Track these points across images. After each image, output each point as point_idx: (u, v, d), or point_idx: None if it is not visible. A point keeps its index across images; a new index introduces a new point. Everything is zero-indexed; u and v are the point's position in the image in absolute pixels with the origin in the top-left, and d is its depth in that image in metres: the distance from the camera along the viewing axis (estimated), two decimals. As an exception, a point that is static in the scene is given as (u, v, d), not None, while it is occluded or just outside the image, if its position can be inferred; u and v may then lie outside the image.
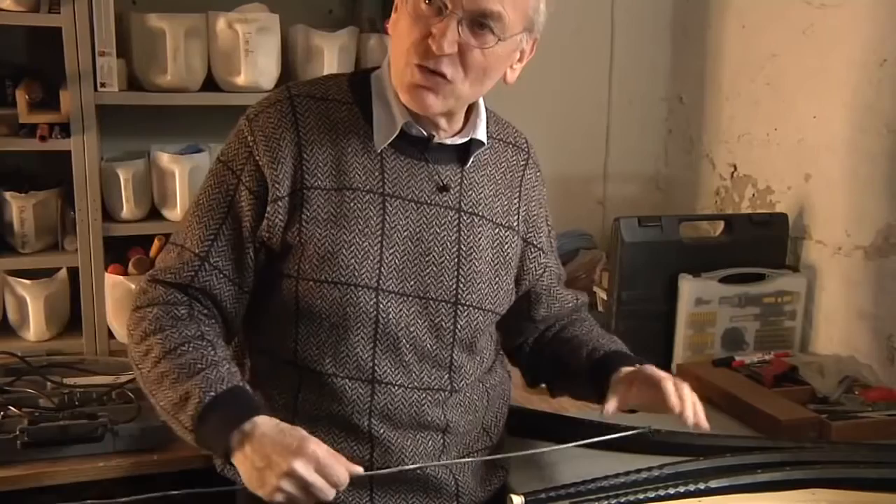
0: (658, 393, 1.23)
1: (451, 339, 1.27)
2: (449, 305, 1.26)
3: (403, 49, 1.16)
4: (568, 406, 1.69)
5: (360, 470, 1.09)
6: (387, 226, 1.23)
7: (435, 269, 1.26)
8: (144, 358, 1.18)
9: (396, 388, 1.25)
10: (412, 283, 1.25)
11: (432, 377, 1.27)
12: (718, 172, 2.30)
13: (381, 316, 1.23)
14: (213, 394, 1.11)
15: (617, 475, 1.32)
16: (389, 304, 1.23)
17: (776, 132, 2.08)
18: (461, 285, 1.27)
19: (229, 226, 1.23)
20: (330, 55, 2.06)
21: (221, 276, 1.23)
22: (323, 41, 2.07)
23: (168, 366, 1.15)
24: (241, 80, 2.01)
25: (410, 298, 1.24)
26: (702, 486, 1.28)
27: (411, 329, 1.25)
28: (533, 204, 1.37)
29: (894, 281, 1.73)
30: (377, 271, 1.22)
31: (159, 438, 1.52)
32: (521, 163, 1.36)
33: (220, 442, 1.09)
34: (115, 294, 2.00)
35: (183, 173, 2.02)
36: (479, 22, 1.14)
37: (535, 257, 1.37)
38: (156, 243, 2.03)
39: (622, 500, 1.26)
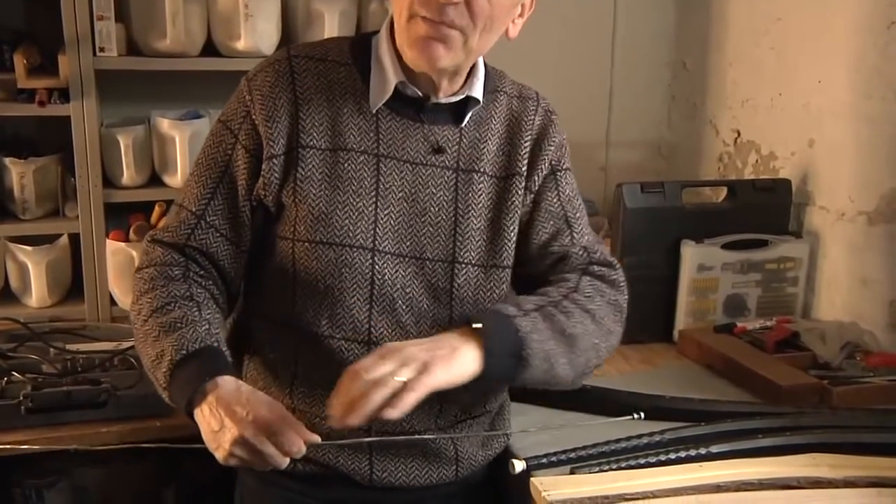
0: None
1: (449, 298, 1.27)
2: (445, 265, 1.26)
3: (406, 3, 1.15)
4: (569, 372, 1.69)
5: (316, 438, 1.09)
6: (381, 187, 1.24)
7: (431, 229, 1.26)
8: (137, 317, 1.21)
9: None
10: (408, 243, 1.25)
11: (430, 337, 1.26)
12: (722, 138, 2.29)
13: (376, 277, 1.23)
14: (184, 352, 1.12)
15: (618, 440, 1.33)
16: (385, 264, 1.24)
17: (780, 97, 2.06)
18: (458, 244, 1.27)
19: (226, 184, 1.24)
20: (331, 19, 2.04)
21: (218, 234, 1.24)
22: (323, 5, 2.05)
23: (152, 324, 1.17)
24: (241, 44, 2.00)
25: (406, 259, 1.25)
26: (703, 451, 1.29)
27: (407, 290, 1.25)
28: (541, 142, 1.32)
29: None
30: (372, 232, 1.23)
31: (162, 405, 1.50)
32: (531, 109, 1.34)
33: (183, 400, 1.11)
34: (117, 260, 2.00)
35: (183, 139, 2.01)
36: None
37: (524, 194, 1.31)
38: (157, 209, 2.02)
39: (623, 464, 1.26)
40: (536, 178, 1.32)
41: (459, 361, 1.13)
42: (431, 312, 1.27)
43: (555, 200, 1.34)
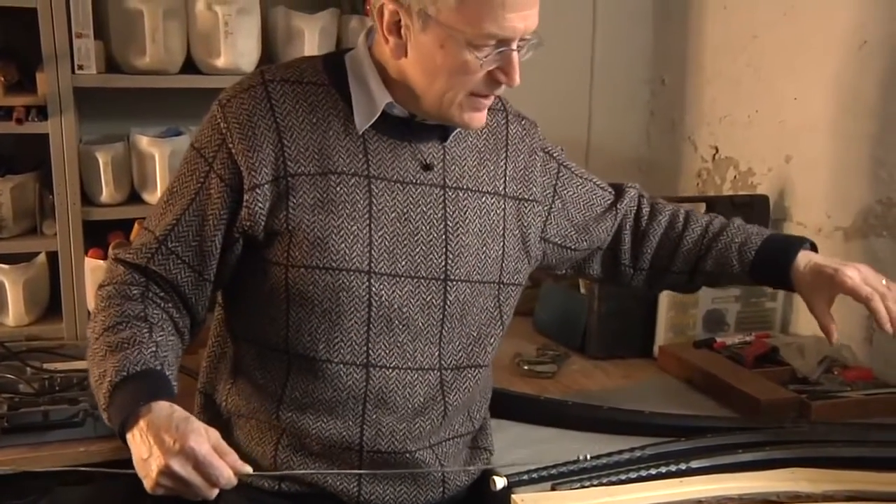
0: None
1: (441, 315, 1.27)
2: (439, 283, 1.26)
3: (457, 84, 1.16)
4: (549, 387, 1.70)
5: (248, 469, 1.07)
6: (374, 208, 1.23)
7: (424, 247, 1.25)
8: (91, 334, 1.19)
9: (391, 370, 1.25)
10: (403, 263, 1.24)
11: (424, 355, 1.27)
12: (700, 154, 2.31)
13: (374, 299, 1.22)
14: (124, 374, 1.09)
15: (599, 456, 1.33)
16: (382, 286, 1.23)
17: (757, 114, 2.08)
18: (450, 261, 1.27)
19: (193, 212, 1.21)
20: (311, 37, 2.05)
21: (179, 261, 1.22)
22: (303, 23, 2.05)
23: (101, 342, 1.15)
24: (221, 62, 1.99)
25: (402, 279, 1.24)
26: (683, 466, 1.29)
27: (404, 310, 1.24)
28: (523, 157, 1.36)
29: (873, 262, 1.73)
30: (367, 255, 1.22)
31: (141, 423, 1.51)
32: (502, 122, 1.36)
33: (116, 423, 1.08)
34: (95, 278, 1.98)
35: (163, 156, 2.00)
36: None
37: (529, 210, 1.35)
38: (136, 227, 2.01)
39: (604, 480, 1.26)
40: (536, 188, 1.37)
41: None
42: (425, 330, 1.27)
43: (579, 181, 1.44)
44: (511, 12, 1.12)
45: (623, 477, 1.27)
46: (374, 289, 1.22)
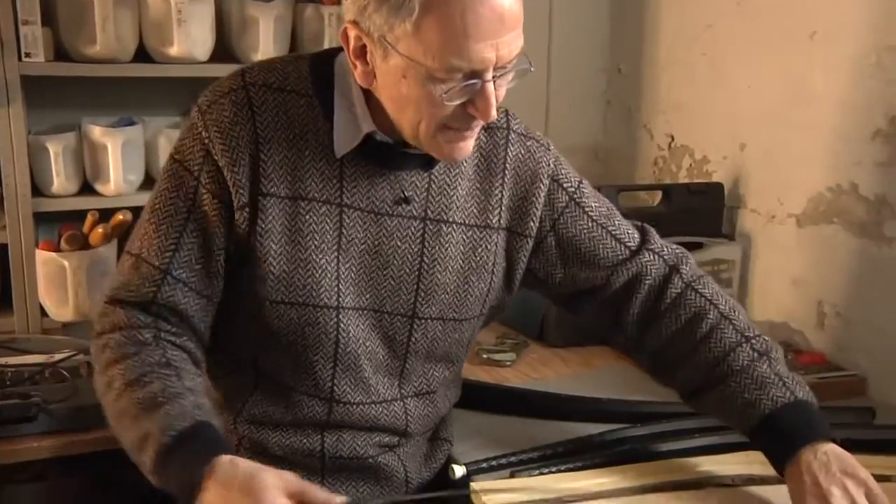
0: None
1: (405, 351, 1.23)
2: (405, 319, 1.21)
3: (427, 116, 1.05)
4: (508, 376, 1.70)
5: (340, 500, 0.99)
6: (343, 239, 1.15)
7: (393, 282, 1.19)
8: (108, 390, 1.09)
9: (354, 406, 1.22)
10: (367, 296, 1.18)
11: (386, 387, 1.24)
12: (657, 143, 2.33)
13: (341, 335, 1.17)
14: (172, 433, 1.01)
15: (558, 443, 1.34)
16: (349, 321, 1.17)
17: (712, 102, 2.10)
18: (419, 299, 1.20)
19: (191, 232, 1.12)
20: (266, 25, 2.02)
21: (187, 288, 1.13)
22: (258, 11, 2.02)
23: (129, 400, 1.06)
24: (174, 50, 1.96)
25: (366, 312, 1.19)
26: (641, 451, 1.31)
27: (368, 344, 1.20)
28: (523, 184, 1.24)
29: (824, 248, 1.77)
30: (336, 289, 1.16)
31: (94, 417, 1.48)
32: (501, 143, 1.23)
33: (178, 487, 1.00)
34: (47, 270, 1.95)
35: (116, 147, 1.97)
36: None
37: (522, 245, 1.26)
38: (89, 218, 1.98)
39: (562, 467, 1.27)
40: (533, 223, 1.25)
41: None
42: (386, 363, 1.23)
43: (588, 225, 1.28)
44: (478, 42, 0.98)
45: (581, 463, 1.28)
46: (342, 325, 1.17)
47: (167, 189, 1.14)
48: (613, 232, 1.29)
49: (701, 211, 2.00)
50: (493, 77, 1.03)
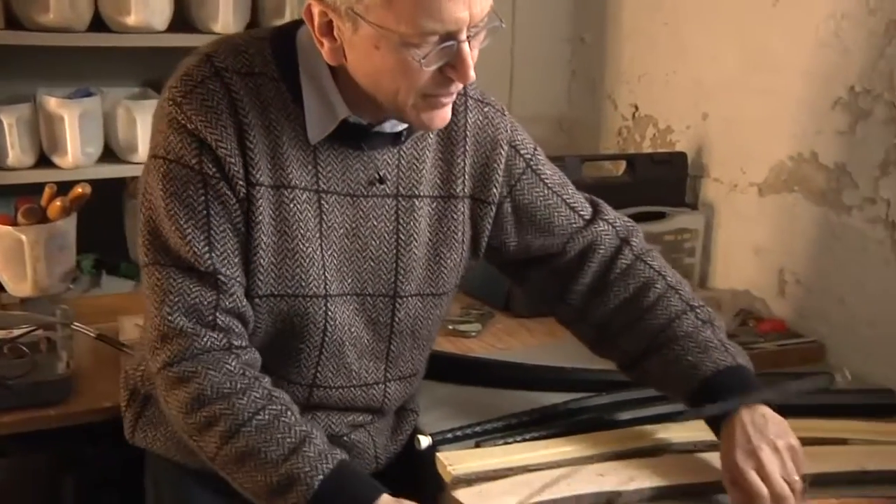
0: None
1: (389, 332, 1.22)
2: (387, 299, 1.20)
3: (404, 86, 1.03)
4: (474, 346, 1.71)
5: None
6: (324, 226, 1.14)
7: (373, 264, 1.18)
8: (207, 430, 1.06)
9: (335, 389, 1.22)
10: (350, 281, 1.17)
11: (369, 371, 1.23)
12: (620, 113, 2.33)
13: (329, 323, 1.16)
14: (320, 477, 1.02)
15: (523, 413, 1.35)
16: (336, 308, 1.16)
17: (675, 72, 2.11)
18: (399, 277, 1.20)
19: (217, 227, 1.08)
20: (225, -5, 1.99)
21: (238, 284, 1.09)
22: (217, -21, 1.99)
23: (247, 442, 1.04)
24: (131, 20, 1.91)
25: (350, 297, 1.18)
26: (605, 419, 1.32)
27: (353, 329, 1.19)
28: (484, 150, 1.23)
29: (785, 217, 1.79)
30: (322, 278, 1.14)
31: (55, 393, 1.48)
32: (461, 109, 1.22)
33: None
34: (4, 245, 1.90)
35: (73, 118, 1.92)
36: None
37: (485, 213, 1.25)
38: (47, 191, 1.94)
39: (527, 436, 1.28)
40: (496, 189, 1.24)
41: None
42: (371, 347, 1.22)
43: (544, 192, 1.28)
44: (451, 1, 0.97)
45: (546, 432, 1.29)
46: (329, 313, 1.15)
47: (174, 192, 1.07)
48: (568, 200, 1.30)
49: (664, 180, 2.01)
50: (468, 37, 1.01)
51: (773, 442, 1.10)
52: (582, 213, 1.31)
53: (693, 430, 1.27)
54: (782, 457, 1.09)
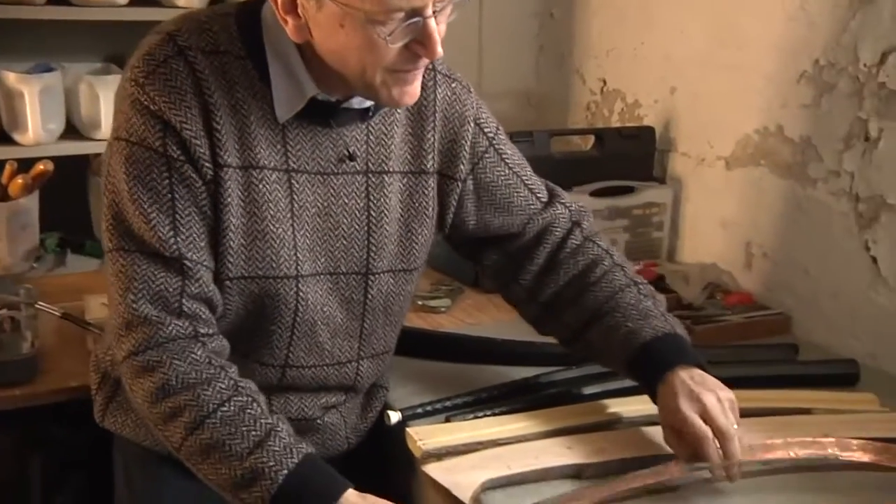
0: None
1: (362, 310, 1.22)
2: (359, 277, 1.19)
3: (371, 63, 1.02)
4: (444, 322, 1.71)
5: None
6: (295, 206, 1.12)
7: (344, 241, 1.17)
8: (172, 420, 1.04)
9: (307, 369, 1.21)
10: (323, 261, 1.16)
11: (343, 349, 1.23)
12: (589, 87, 2.33)
13: (300, 304, 1.15)
14: (285, 472, 1.00)
15: (493, 387, 1.35)
16: (308, 288, 1.15)
17: (643, 46, 2.11)
18: (371, 254, 1.19)
19: (182, 211, 1.06)
20: (190, -32, 1.96)
21: (205, 269, 1.08)
22: (180, -49, 1.95)
23: (212, 434, 1.02)
24: (92, -8, 1.89)
25: (323, 276, 1.17)
26: (574, 392, 1.33)
27: (325, 309, 1.18)
28: (452, 126, 1.23)
29: (751, 190, 1.80)
30: (294, 258, 1.13)
31: (20, 373, 1.46)
32: (430, 83, 1.21)
33: None
34: (-36, 225, 1.88)
35: (33, 94, 1.89)
36: None
37: (451, 190, 1.25)
38: (7, 168, 1.91)
39: (497, 410, 1.28)
40: (463, 166, 1.24)
41: None
42: (345, 326, 1.21)
43: (505, 172, 1.28)
44: None
45: (515, 406, 1.29)
46: (301, 293, 1.14)
47: (137, 176, 1.05)
48: (527, 182, 1.31)
49: (633, 155, 2.01)
50: (434, 12, 1.00)
51: (716, 392, 1.12)
52: (539, 195, 1.32)
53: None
54: (724, 406, 1.11)
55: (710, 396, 1.11)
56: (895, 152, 1.49)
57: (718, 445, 1.09)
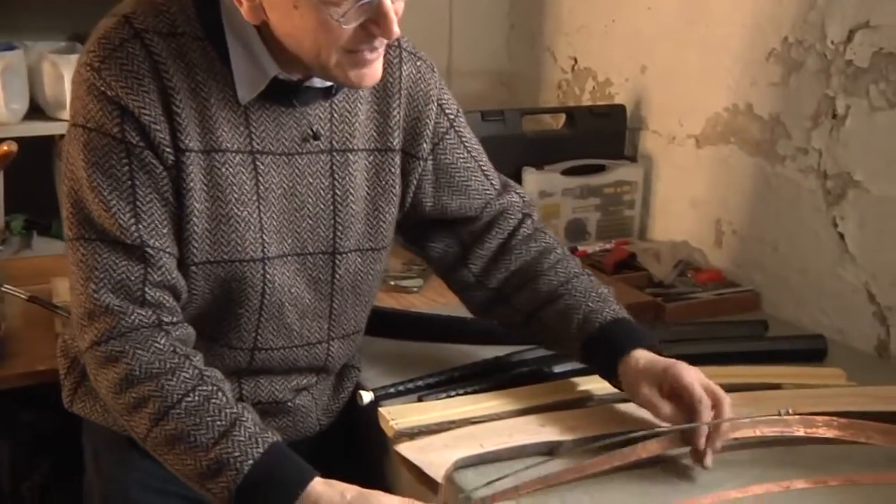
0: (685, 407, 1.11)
1: (330, 290, 1.21)
2: (326, 257, 1.18)
3: (326, 44, 1.00)
4: (416, 301, 1.71)
5: None
6: (261, 188, 1.11)
7: (311, 221, 1.16)
8: (136, 411, 1.03)
9: (276, 351, 1.20)
10: (290, 241, 1.15)
11: (312, 330, 1.22)
12: (560, 66, 2.32)
13: (267, 287, 1.14)
14: (250, 462, 0.99)
15: (465, 366, 1.35)
16: (274, 271, 1.14)
17: (613, 24, 2.11)
18: (338, 233, 1.18)
19: (143, 197, 1.04)
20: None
21: (168, 255, 1.06)
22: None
23: (176, 425, 1.01)
24: (54, -31, 1.85)
25: (290, 258, 1.16)
26: (546, 370, 1.33)
27: (293, 290, 1.17)
28: (417, 105, 1.22)
29: (722, 168, 1.81)
30: (260, 241, 1.12)
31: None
32: (395, 60, 1.20)
33: None
34: (-73, 207, 1.85)
35: (-6, 73, 1.86)
36: None
37: (413, 168, 1.24)
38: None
39: (469, 389, 1.28)
40: (425, 145, 1.23)
41: None
42: (313, 306, 1.20)
43: (464, 155, 1.28)
44: None
45: (487, 385, 1.30)
46: (268, 276, 1.13)
47: (96, 163, 1.03)
48: (483, 168, 1.31)
49: (604, 133, 2.01)
50: None
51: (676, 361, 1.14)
52: (493, 182, 1.32)
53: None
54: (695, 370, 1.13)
55: (684, 363, 1.14)
56: (862, 129, 1.50)
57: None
